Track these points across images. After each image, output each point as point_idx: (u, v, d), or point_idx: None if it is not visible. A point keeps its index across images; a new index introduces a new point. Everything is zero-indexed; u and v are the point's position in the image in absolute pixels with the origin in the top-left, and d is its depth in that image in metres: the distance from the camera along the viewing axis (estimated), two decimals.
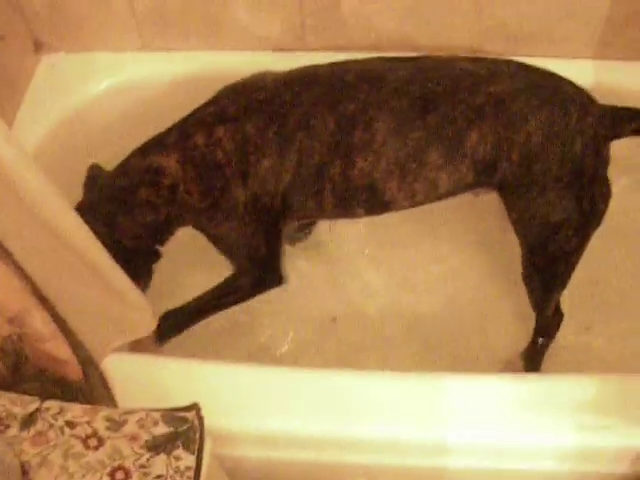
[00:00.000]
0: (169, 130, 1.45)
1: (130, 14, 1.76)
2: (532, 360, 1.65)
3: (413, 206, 1.45)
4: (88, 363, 1.18)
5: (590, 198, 1.38)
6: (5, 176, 0.95)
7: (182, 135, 1.42)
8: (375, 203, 1.44)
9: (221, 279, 1.53)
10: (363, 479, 1.44)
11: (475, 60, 1.43)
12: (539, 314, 1.58)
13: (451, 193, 1.44)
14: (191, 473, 0.99)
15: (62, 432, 0.99)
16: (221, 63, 1.80)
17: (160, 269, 1.55)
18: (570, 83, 1.39)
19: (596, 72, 1.70)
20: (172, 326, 1.52)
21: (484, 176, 1.39)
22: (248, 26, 1.77)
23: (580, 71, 1.69)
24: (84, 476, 0.96)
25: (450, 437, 1.26)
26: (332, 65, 1.46)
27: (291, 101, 1.39)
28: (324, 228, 1.87)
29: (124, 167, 1.47)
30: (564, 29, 1.70)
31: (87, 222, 1.33)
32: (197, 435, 1.02)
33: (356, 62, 1.45)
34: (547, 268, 1.47)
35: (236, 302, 1.55)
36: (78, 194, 1.49)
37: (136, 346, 1.40)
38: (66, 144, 1.74)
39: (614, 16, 1.69)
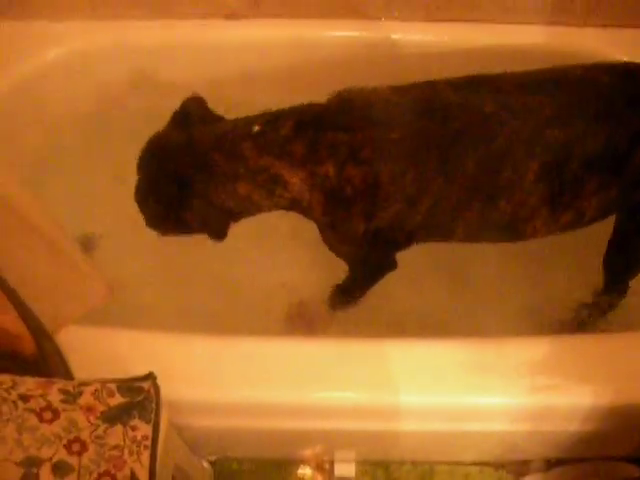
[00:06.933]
0: (293, 133, 1.29)
1: None
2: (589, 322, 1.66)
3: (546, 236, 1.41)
4: (42, 336, 1.17)
5: None
6: None
7: (311, 154, 1.28)
8: (510, 238, 1.40)
9: None
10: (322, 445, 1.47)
11: (621, 75, 1.36)
12: (610, 289, 1.61)
13: (589, 223, 1.39)
14: (148, 442, 0.99)
15: (16, 406, 0.98)
16: (173, 31, 1.76)
17: None
18: None
19: (547, 38, 1.72)
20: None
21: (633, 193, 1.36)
22: None
23: (531, 37, 1.72)
24: (39, 449, 0.95)
25: (404, 401, 1.27)
26: (461, 90, 1.32)
27: (428, 141, 1.27)
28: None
29: (231, 145, 1.30)
30: None
31: (159, 162, 1.34)
32: (153, 405, 1.02)
33: (488, 83, 1.34)
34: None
35: (359, 296, 1.60)
36: (26, 164, 1.42)
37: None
38: (13, 114, 1.70)
39: None
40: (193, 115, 1.37)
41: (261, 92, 1.79)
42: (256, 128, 1.31)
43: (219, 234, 1.35)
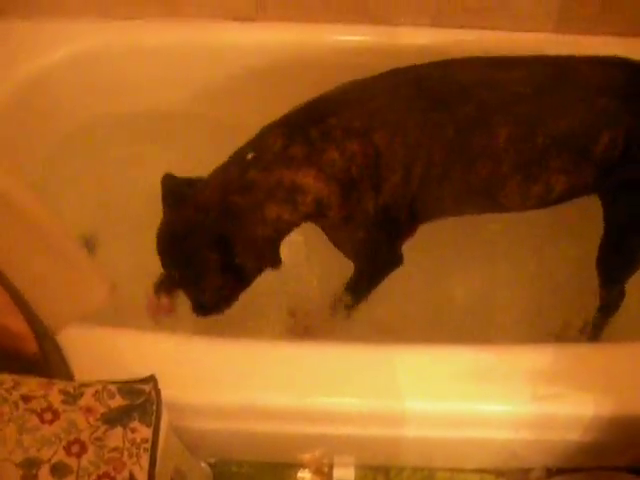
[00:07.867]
0: (286, 141, 1.35)
1: None
2: (592, 334, 1.66)
3: (523, 210, 1.47)
4: (44, 336, 1.17)
5: None
6: None
7: (312, 148, 1.33)
8: (490, 205, 1.46)
9: None
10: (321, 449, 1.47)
11: (590, 61, 1.41)
12: (608, 292, 1.61)
13: (562, 199, 1.45)
14: (148, 445, 0.99)
15: (17, 406, 0.98)
16: (181, 32, 1.77)
17: None
18: None
19: (555, 46, 1.71)
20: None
21: (604, 177, 1.40)
22: None
23: (540, 44, 1.71)
24: (39, 450, 0.95)
25: (405, 407, 1.27)
26: (435, 66, 1.42)
27: (407, 107, 1.36)
28: None
29: (238, 182, 1.35)
30: (523, 3, 1.70)
31: (189, 246, 1.35)
32: (153, 407, 1.02)
33: (459, 62, 1.42)
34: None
35: (366, 294, 1.62)
36: (34, 165, 1.43)
37: None
38: (21, 114, 1.70)
39: None
40: (177, 190, 1.41)
41: (267, 94, 1.79)
42: (250, 156, 1.36)
43: (275, 262, 1.42)
